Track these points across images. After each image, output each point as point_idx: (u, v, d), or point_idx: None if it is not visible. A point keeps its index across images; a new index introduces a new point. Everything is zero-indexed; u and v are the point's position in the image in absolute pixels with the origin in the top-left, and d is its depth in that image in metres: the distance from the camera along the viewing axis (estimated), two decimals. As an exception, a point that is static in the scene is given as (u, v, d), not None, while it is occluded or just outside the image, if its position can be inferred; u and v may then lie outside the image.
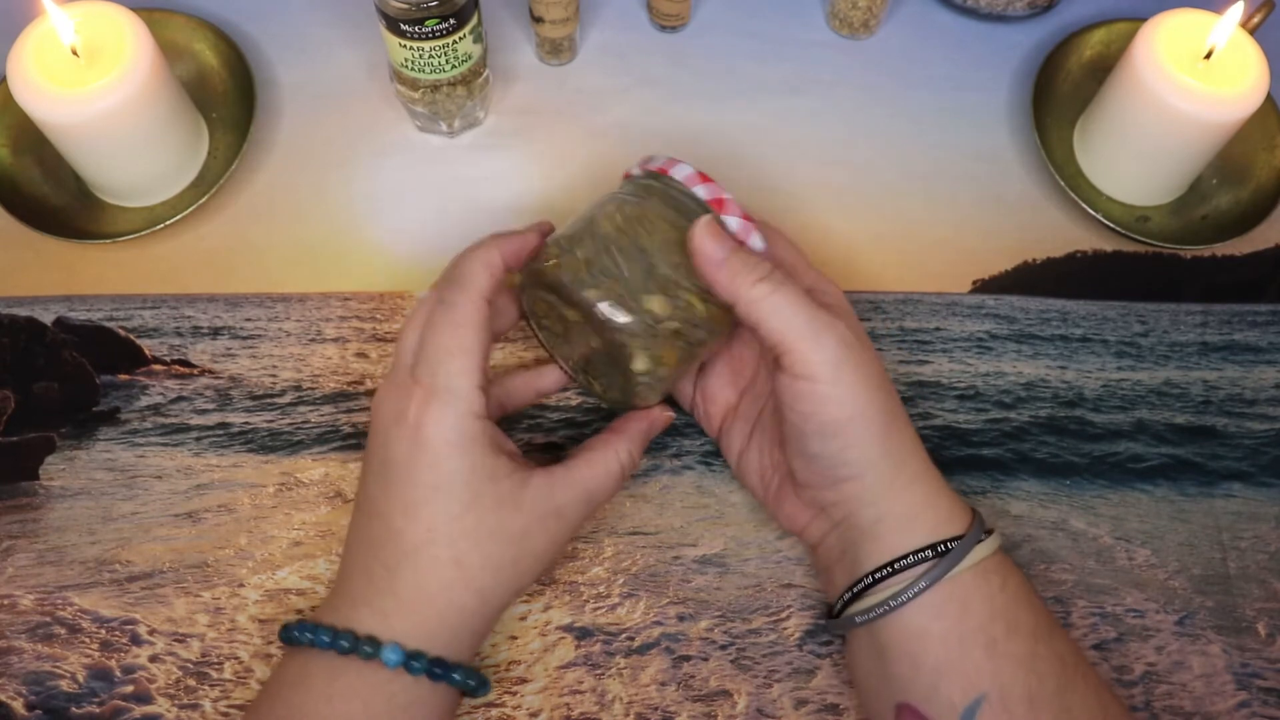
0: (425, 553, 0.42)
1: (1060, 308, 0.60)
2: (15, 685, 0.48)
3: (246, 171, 0.61)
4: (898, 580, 0.43)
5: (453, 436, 0.42)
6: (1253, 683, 0.50)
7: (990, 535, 0.44)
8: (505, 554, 0.43)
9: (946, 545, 0.43)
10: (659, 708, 0.48)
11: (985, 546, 0.43)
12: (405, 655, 0.41)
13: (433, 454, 0.42)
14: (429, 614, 0.42)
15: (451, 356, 0.42)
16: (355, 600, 0.42)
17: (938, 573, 0.42)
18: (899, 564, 0.43)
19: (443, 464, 0.42)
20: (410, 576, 0.42)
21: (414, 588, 0.42)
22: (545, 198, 0.61)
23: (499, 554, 0.43)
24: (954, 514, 0.44)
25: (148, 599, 0.50)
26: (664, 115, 0.64)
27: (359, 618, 0.42)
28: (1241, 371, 0.58)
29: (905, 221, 0.61)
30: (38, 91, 0.52)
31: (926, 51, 0.66)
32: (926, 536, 0.43)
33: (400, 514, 0.42)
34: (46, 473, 0.54)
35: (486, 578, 0.42)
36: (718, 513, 0.53)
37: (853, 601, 0.44)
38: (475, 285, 0.43)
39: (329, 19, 0.66)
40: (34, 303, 0.58)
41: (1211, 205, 0.61)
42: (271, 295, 0.59)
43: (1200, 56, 0.55)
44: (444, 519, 0.42)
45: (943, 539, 0.43)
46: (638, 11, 0.67)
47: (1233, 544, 0.53)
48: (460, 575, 0.42)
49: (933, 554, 0.42)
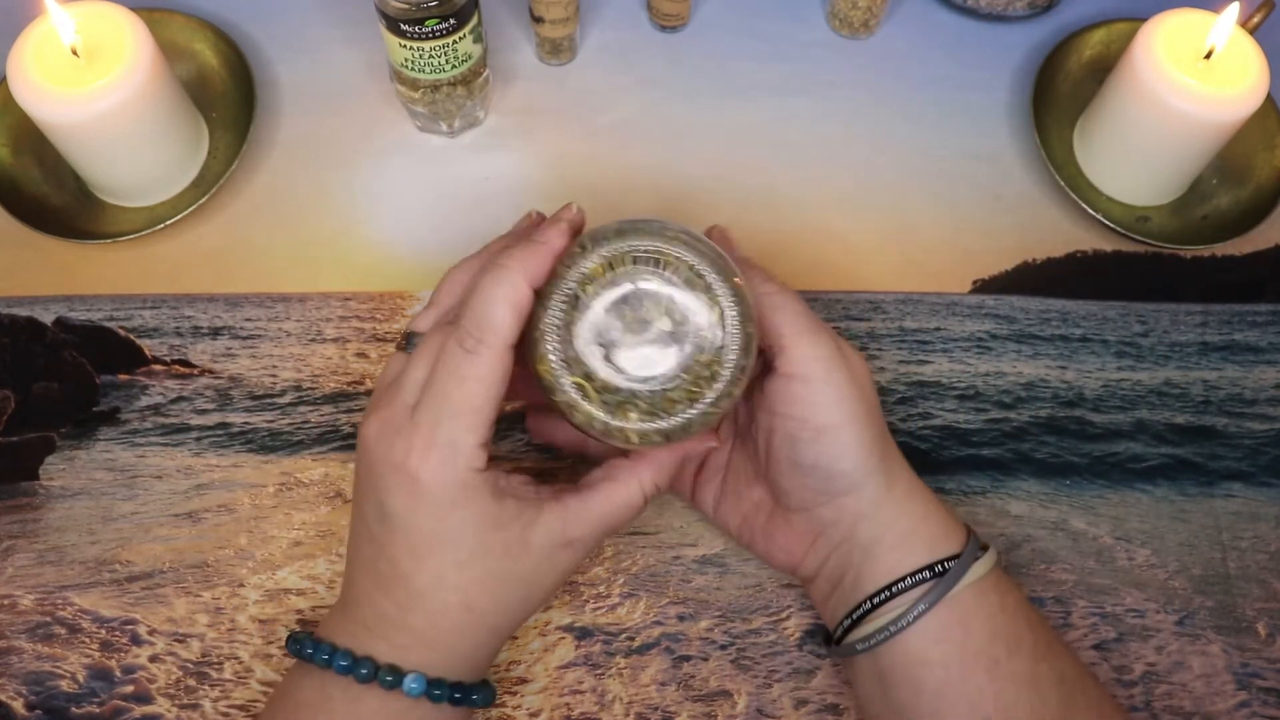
0: (435, 597, 0.41)
1: (1060, 308, 0.60)
2: (15, 685, 0.48)
3: (246, 171, 0.61)
4: (897, 604, 0.42)
5: (453, 491, 0.39)
6: (1253, 683, 0.50)
7: (986, 551, 0.44)
8: (515, 594, 0.42)
9: (944, 565, 0.42)
10: (659, 708, 0.48)
11: (982, 564, 0.43)
12: (427, 684, 0.40)
13: (433, 505, 0.39)
14: (444, 648, 0.41)
15: (460, 414, 0.39)
16: (370, 629, 0.42)
17: (936, 595, 0.42)
18: (897, 587, 0.42)
19: (445, 517, 0.40)
20: (423, 618, 0.41)
21: (428, 627, 0.41)
22: (545, 198, 0.61)
23: (509, 595, 0.42)
24: (948, 530, 0.44)
25: (148, 599, 0.50)
26: (664, 115, 0.64)
27: (376, 648, 0.41)
28: (1241, 371, 0.58)
29: (905, 221, 0.61)
30: (38, 91, 0.52)
31: (926, 51, 0.66)
32: (924, 556, 0.43)
33: (407, 557, 0.40)
34: (46, 473, 0.54)
35: (499, 618, 0.42)
36: (718, 513, 0.53)
37: (852, 628, 0.44)
38: (499, 334, 0.39)
39: (329, 19, 0.66)
40: (34, 303, 0.58)
41: (1211, 205, 0.61)
42: (271, 295, 0.59)
43: (1200, 56, 0.55)
44: (451, 567, 0.40)
45: (940, 558, 0.42)
46: (638, 11, 0.67)
47: (1233, 544, 0.53)
48: (471, 618, 0.41)
49: (930, 574, 0.42)
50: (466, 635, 0.42)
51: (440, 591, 0.40)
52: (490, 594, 0.41)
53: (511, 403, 0.54)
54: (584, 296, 0.39)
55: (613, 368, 0.39)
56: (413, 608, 0.41)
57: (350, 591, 0.43)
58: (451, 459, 0.39)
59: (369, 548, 0.42)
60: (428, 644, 0.41)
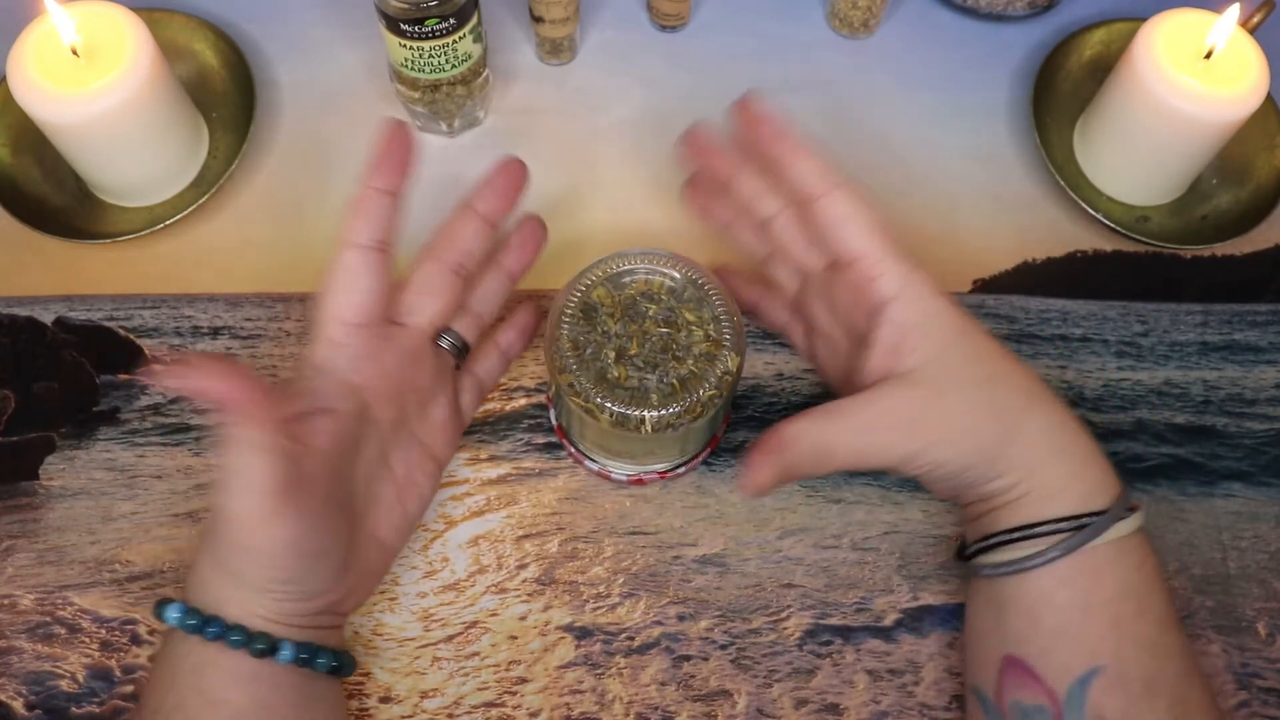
0: None
1: (1060, 308, 0.60)
2: (15, 685, 0.48)
3: (246, 171, 0.61)
4: (1031, 545, 0.42)
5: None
6: (1253, 683, 0.50)
7: (1134, 513, 0.43)
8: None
9: (1087, 519, 0.42)
10: (659, 708, 0.48)
11: (1126, 524, 0.42)
12: (224, 628, 0.40)
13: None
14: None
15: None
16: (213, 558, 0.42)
17: (1071, 544, 0.41)
18: (1036, 529, 0.42)
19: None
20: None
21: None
22: (545, 198, 0.61)
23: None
24: (1102, 486, 0.43)
25: (148, 599, 0.50)
26: (664, 115, 0.64)
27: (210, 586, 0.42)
28: (1241, 371, 0.58)
29: (905, 221, 0.61)
30: (38, 91, 0.52)
31: (926, 51, 0.66)
32: (1069, 508, 0.42)
33: None
34: (46, 473, 0.54)
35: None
36: (718, 513, 0.53)
37: (982, 552, 0.44)
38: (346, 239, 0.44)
39: (329, 19, 0.66)
40: (34, 303, 0.58)
41: (1211, 205, 0.61)
42: (271, 295, 0.59)
43: (1200, 56, 0.55)
44: None
45: (1084, 511, 0.42)
46: (638, 11, 0.67)
47: (1233, 544, 0.53)
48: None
49: (1071, 526, 0.42)
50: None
51: None
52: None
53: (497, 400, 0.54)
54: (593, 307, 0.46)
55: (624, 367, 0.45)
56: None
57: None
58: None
59: None
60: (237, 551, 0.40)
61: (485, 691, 0.48)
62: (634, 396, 0.44)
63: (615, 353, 0.45)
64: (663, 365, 0.45)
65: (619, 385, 0.44)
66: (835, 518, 0.53)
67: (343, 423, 0.43)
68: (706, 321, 0.46)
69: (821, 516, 0.53)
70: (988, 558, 0.44)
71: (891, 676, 0.49)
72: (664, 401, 0.44)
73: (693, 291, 0.46)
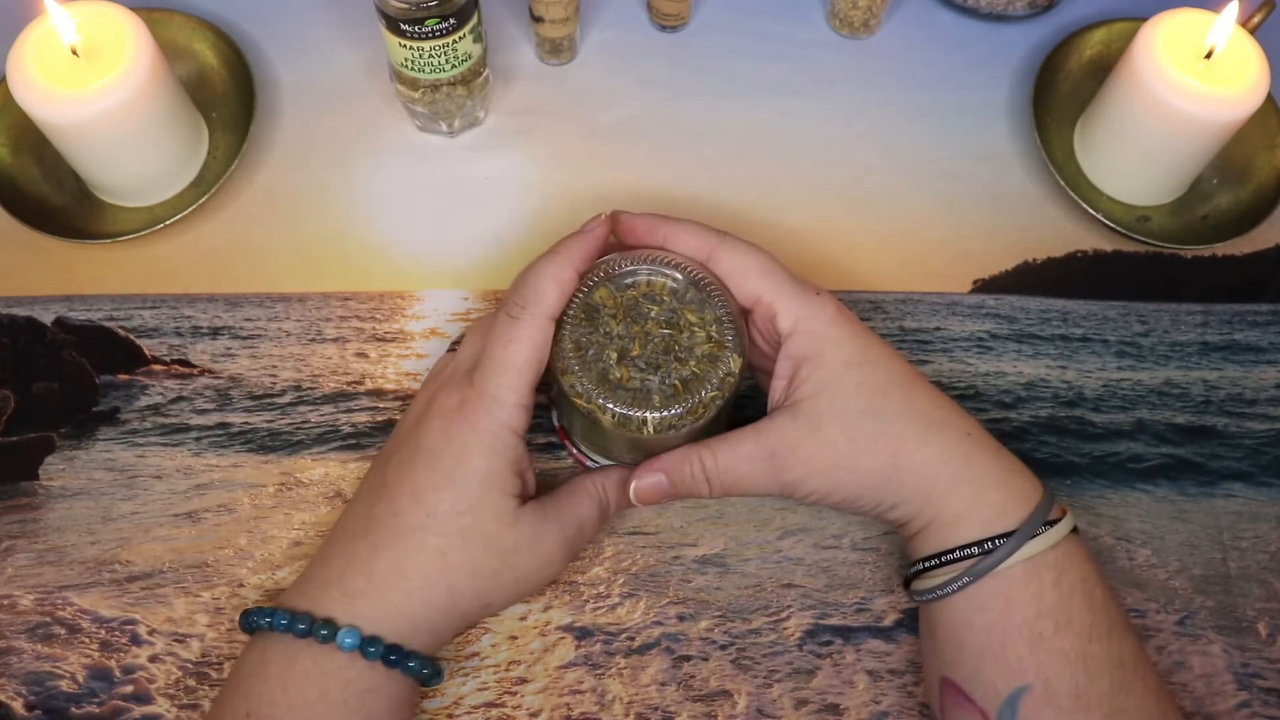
0: (415, 536, 0.43)
1: (1060, 308, 0.60)
2: (15, 685, 0.48)
3: (246, 171, 0.61)
4: (943, 572, 0.44)
5: (486, 439, 0.43)
6: (1253, 683, 0.49)
7: (1053, 527, 0.43)
8: (488, 563, 0.43)
9: (993, 543, 0.43)
10: (659, 708, 0.48)
11: (1039, 542, 0.43)
12: (361, 639, 0.41)
13: (461, 448, 0.43)
14: (395, 599, 0.42)
15: (503, 371, 0.43)
16: (326, 582, 0.43)
17: (977, 570, 0.42)
18: (945, 558, 0.44)
19: (467, 460, 0.43)
20: (393, 556, 0.43)
21: (392, 569, 0.42)
22: (545, 197, 0.61)
23: (482, 560, 0.43)
24: (1006, 510, 0.43)
25: (148, 599, 0.50)
26: (664, 115, 0.64)
27: (324, 600, 0.42)
28: (1242, 371, 0.58)
29: (905, 221, 0.61)
30: (38, 91, 0.52)
31: (926, 51, 0.66)
32: (973, 534, 0.43)
33: (408, 495, 0.43)
34: (46, 473, 0.54)
35: (463, 579, 0.43)
36: (718, 513, 0.53)
37: (912, 579, 0.46)
38: (543, 303, 0.44)
39: (329, 19, 0.66)
40: (34, 303, 0.58)
41: (1211, 205, 0.61)
42: (271, 295, 0.59)
43: (1200, 56, 0.55)
44: (447, 510, 0.43)
45: (988, 536, 0.43)
46: (638, 11, 0.67)
47: (1233, 544, 0.53)
48: (439, 567, 0.43)
49: (979, 551, 0.43)
50: (426, 586, 0.42)
51: (422, 532, 0.42)
52: (467, 550, 0.43)
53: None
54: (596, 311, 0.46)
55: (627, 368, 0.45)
56: (388, 545, 0.42)
57: (319, 554, 0.45)
58: (493, 410, 0.43)
59: (371, 497, 0.44)
60: (380, 590, 0.42)
61: (485, 692, 0.48)
62: (636, 398, 0.44)
63: (617, 354, 0.45)
64: (665, 367, 0.45)
65: (621, 386, 0.45)
66: (835, 518, 0.53)
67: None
68: (709, 323, 0.46)
69: (822, 516, 0.53)
70: (915, 584, 0.46)
71: (892, 677, 0.49)
72: (666, 403, 0.45)
73: (695, 293, 0.46)
